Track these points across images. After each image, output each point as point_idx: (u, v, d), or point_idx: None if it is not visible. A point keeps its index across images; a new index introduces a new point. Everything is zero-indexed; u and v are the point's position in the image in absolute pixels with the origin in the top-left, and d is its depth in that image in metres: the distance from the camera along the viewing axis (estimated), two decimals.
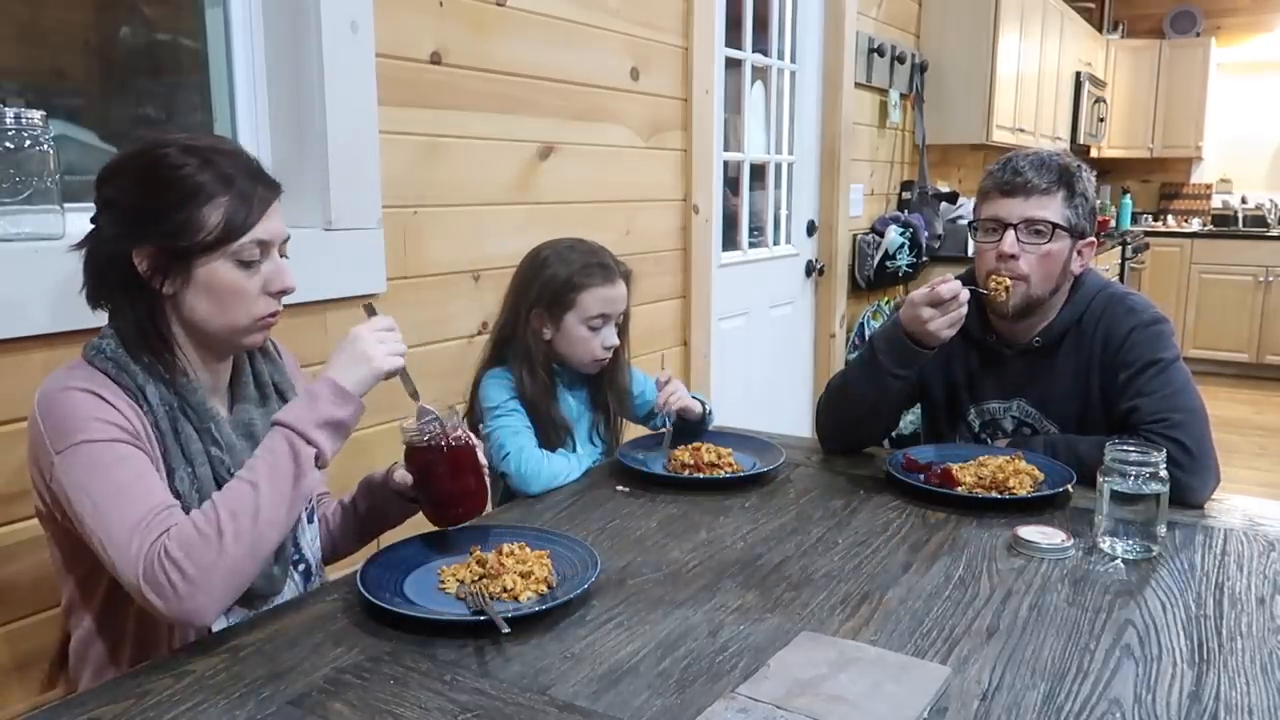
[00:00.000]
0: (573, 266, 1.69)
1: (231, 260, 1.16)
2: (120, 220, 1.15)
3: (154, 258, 1.14)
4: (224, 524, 1.06)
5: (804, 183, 3.97)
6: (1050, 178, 1.67)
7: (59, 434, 1.09)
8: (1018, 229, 1.67)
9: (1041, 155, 1.72)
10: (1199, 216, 7.35)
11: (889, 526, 1.45)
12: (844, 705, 0.92)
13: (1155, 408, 1.58)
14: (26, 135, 1.40)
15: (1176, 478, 1.45)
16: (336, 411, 1.15)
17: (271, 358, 1.34)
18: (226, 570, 1.05)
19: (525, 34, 2.30)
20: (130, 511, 1.06)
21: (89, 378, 1.13)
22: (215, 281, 1.16)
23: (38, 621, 1.47)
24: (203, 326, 1.18)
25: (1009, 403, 1.77)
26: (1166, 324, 1.69)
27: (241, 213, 1.15)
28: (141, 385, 1.15)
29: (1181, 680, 1.00)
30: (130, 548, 1.04)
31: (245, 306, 1.18)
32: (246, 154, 1.21)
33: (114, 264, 1.15)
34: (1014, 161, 1.71)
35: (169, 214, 1.13)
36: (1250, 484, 4.22)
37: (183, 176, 1.14)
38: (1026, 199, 1.67)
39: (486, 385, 1.71)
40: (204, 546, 1.04)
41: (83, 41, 1.78)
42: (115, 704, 0.95)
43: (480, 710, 0.94)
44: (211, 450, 1.19)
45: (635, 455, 1.71)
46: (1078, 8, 6.41)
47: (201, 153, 1.16)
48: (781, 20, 3.68)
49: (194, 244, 1.14)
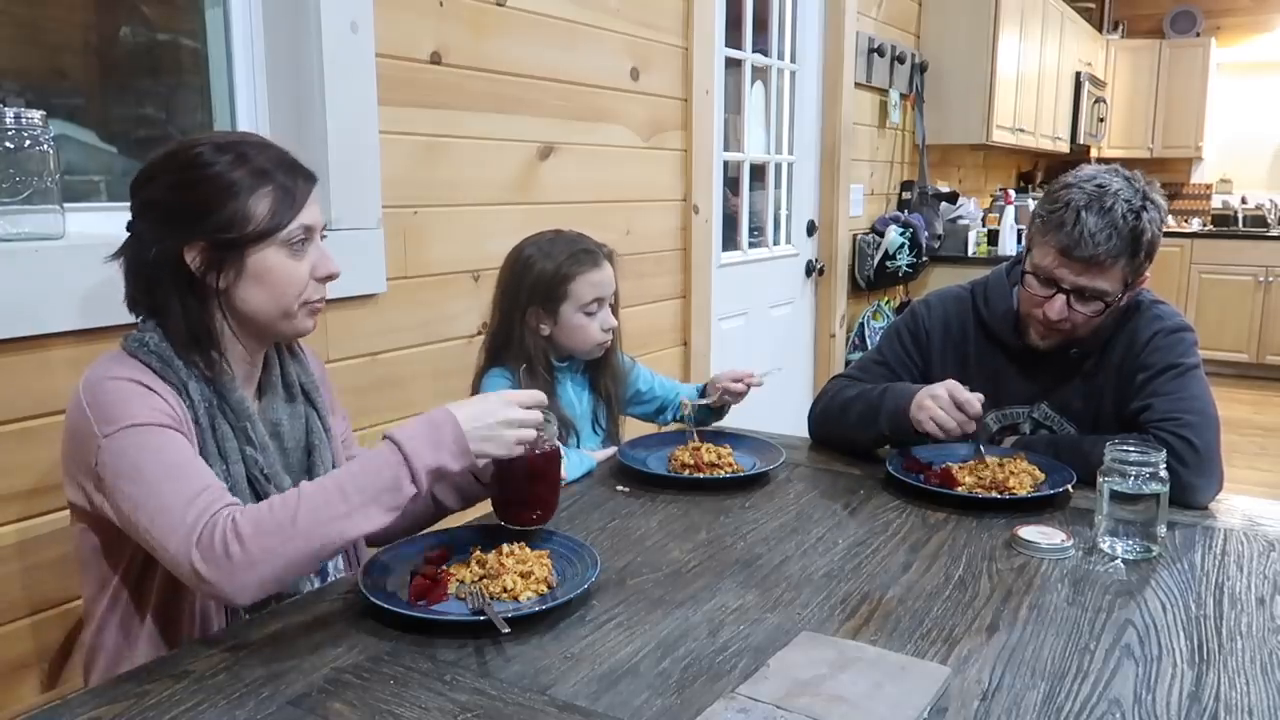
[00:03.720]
0: (558, 259, 1.70)
1: (282, 247, 1.18)
2: (166, 220, 1.16)
3: (206, 252, 1.16)
4: (301, 517, 1.04)
5: (804, 183, 3.97)
6: (1119, 248, 1.53)
7: (107, 418, 1.10)
8: (1070, 295, 1.59)
9: (1116, 214, 1.53)
10: (1199, 216, 7.35)
11: (889, 526, 1.45)
12: (844, 705, 0.92)
13: (1168, 407, 1.57)
14: (26, 135, 1.40)
15: (1180, 475, 1.45)
16: (452, 463, 1.12)
17: (299, 359, 1.36)
18: (286, 561, 1.04)
19: (525, 34, 2.30)
20: (186, 486, 1.06)
21: (133, 368, 1.14)
22: (268, 269, 1.18)
23: (38, 621, 1.47)
24: (255, 317, 1.20)
25: (1031, 406, 1.76)
26: (1190, 333, 1.67)
27: (287, 200, 1.18)
28: (184, 380, 1.16)
29: (1181, 680, 1.00)
30: (187, 515, 1.04)
31: (296, 292, 1.20)
32: (277, 146, 1.23)
33: (164, 264, 1.16)
34: (1084, 222, 1.52)
35: (217, 208, 1.15)
36: (1250, 484, 4.22)
37: (222, 172, 1.16)
38: (1087, 268, 1.55)
39: (488, 386, 1.71)
40: (275, 530, 1.03)
41: (83, 41, 1.78)
42: (115, 704, 0.95)
43: (480, 710, 0.94)
44: (246, 450, 1.21)
45: (635, 455, 1.71)
46: (1078, 8, 6.41)
47: (234, 148, 1.18)
48: (781, 20, 3.68)
49: (246, 234, 1.16)
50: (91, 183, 1.72)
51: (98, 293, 1.48)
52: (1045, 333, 1.67)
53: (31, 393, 1.43)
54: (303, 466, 1.30)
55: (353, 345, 1.95)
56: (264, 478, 1.22)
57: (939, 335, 1.81)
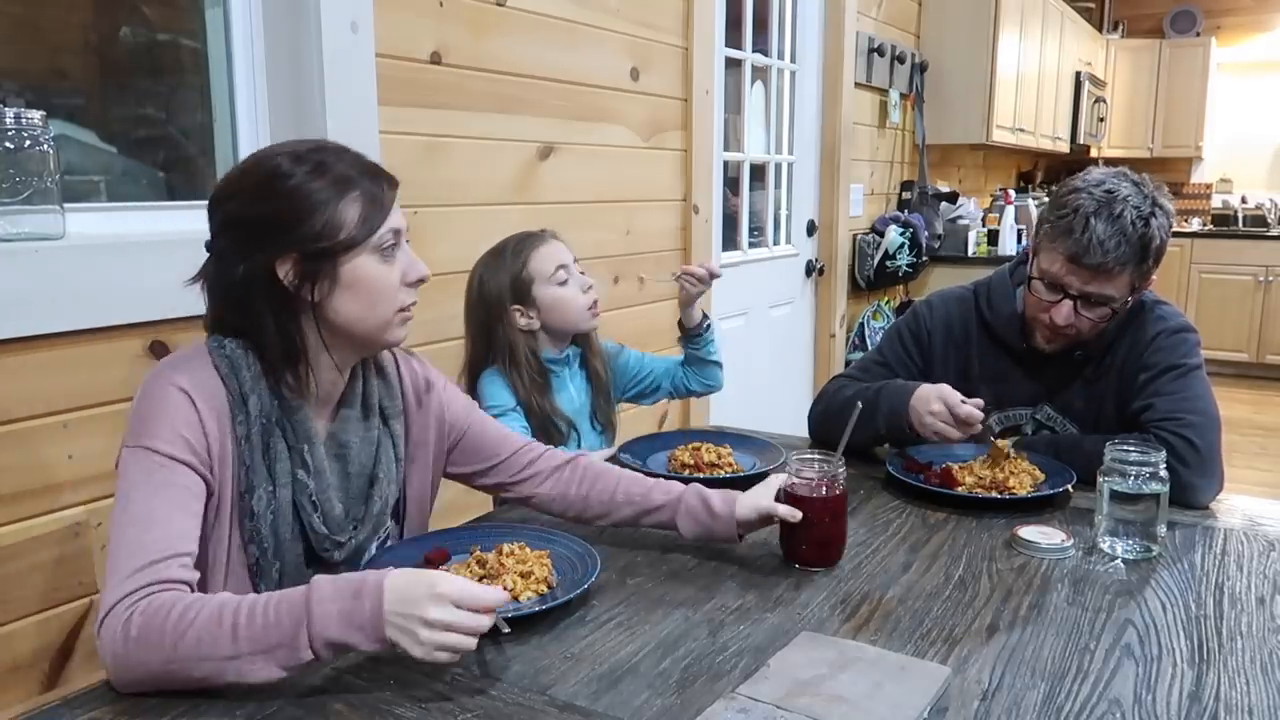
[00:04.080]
0: (506, 260, 1.72)
1: (374, 253, 1.15)
2: (254, 234, 1.12)
3: (299, 265, 1.12)
4: (184, 645, 0.95)
5: (804, 183, 3.97)
6: (1127, 255, 1.53)
7: (136, 426, 1.08)
8: (1077, 301, 1.59)
9: (1125, 221, 1.52)
10: (1199, 216, 7.35)
11: (889, 526, 1.45)
12: (844, 705, 0.92)
13: (1170, 407, 1.57)
14: (26, 135, 1.40)
15: (1180, 476, 1.45)
16: (361, 644, 0.96)
17: (386, 378, 1.30)
18: (158, 680, 0.96)
19: (525, 34, 2.30)
20: (150, 543, 1.02)
21: (196, 375, 1.11)
22: (361, 277, 1.14)
23: (38, 621, 1.47)
24: (350, 328, 1.16)
25: (1034, 408, 1.76)
26: (1193, 334, 1.67)
27: (375, 205, 1.15)
28: (246, 394, 1.13)
29: (1181, 680, 1.00)
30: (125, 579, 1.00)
31: (390, 298, 1.17)
32: (353, 151, 1.20)
33: (255, 280, 1.11)
34: (1093, 229, 1.52)
35: (306, 219, 1.11)
36: (1250, 484, 4.22)
37: (306, 180, 1.12)
38: (1095, 275, 1.55)
39: (487, 385, 1.70)
40: (155, 646, 0.95)
41: (83, 41, 1.78)
42: (115, 704, 0.95)
43: (480, 710, 0.94)
44: (298, 473, 1.16)
45: (635, 455, 1.71)
46: (1078, 8, 6.41)
47: (313, 155, 1.15)
48: (781, 20, 3.68)
49: (338, 242, 1.12)
50: (91, 183, 1.71)
51: (98, 293, 1.48)
52: (1051, 337, 1.66)
53: (32, 393, 1.43)
54: (362, 495, 1.23)
55: None
56: (312, 505, 1.17)
57: (941, 336, 1.81)
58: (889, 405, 1.66)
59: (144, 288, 1.54)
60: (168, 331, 1.59)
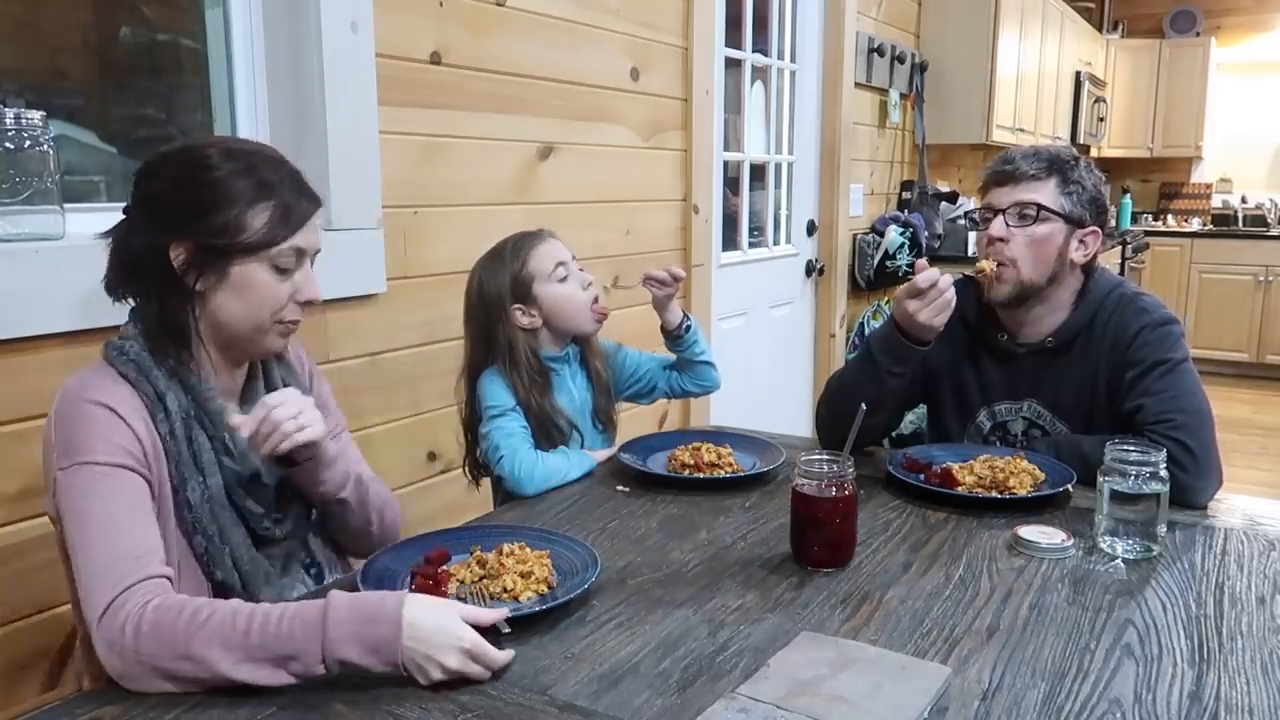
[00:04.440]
0: (506, 260, 1.72)
1: (268, 264, 1.17)
2: (161, 214, 1.16)
3: (192, 253, 1.15)
4: (197, 644, 0.96)
5: (804, 183, 3.97)
6: (1040, 165, 1.70)
7: (66, 449, 1.09)
8: (1006, 213, 1.70)
9: (1036, 147, 1.76)
10: (1199, 216, 7.35)
11: (889, 526, 1.45)
12: (844, 705, 0.92)
13: (1160, 408, 1.57)
14: (26, 135, 1.41)
15: (1178, 479, 1.45)
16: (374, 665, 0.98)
17: (287, 362, 1.34)
18: (167, 676, 0.97)
19: (525, 34, 2.30)
20: (119, 545, 1.04)
21: (108, 387, 1.13)
22: (249, 283, 1.17)
23: (38, 621, 1.47)
24: (227, 327, 1.19)
25: (1020, 403, 1.76)
26: (1176, 325, 1.67)
27: (285, 220, 1.17)
28: (162, 392, 1.15)
29: (1181, 680, 1.00)
30: (106, 581, 1.01)
31: (272, 310, 1.19)
32: (290, 164, 1.22)
33: (149, 255, 1.15)
34: (1007, 153, 1.76)
35: (214, 213, 1.14)
36: (1250, 484, 4.21)
37: (228, 177, 1.15)
38: (1016, 185, 1.71)
39: (486, 386, 1.70)
40: (169, 643, 0.97)
41: (83, 41, 1.78)
42: (115, 704, 0.95)
43: (480, 710, 0.94)
44: (224, 460, 1.20)
45: (635, 455, 1.71)
46: (1078, 8, 6.41)
47: (245, 157, 1.18)
48: (781, 20, 3.68)
49: (235, 244, 1.15)
50: (91, 183, 1.72)
51: (97, 293, 1.48)
52: (996, 274, 1.69)
53: (31, 393, 1.43)
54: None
55: (353, 345, 1.96)
56: (242, 489, 1.21)
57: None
58: (880, 340, 1.66)
59: None
60: None
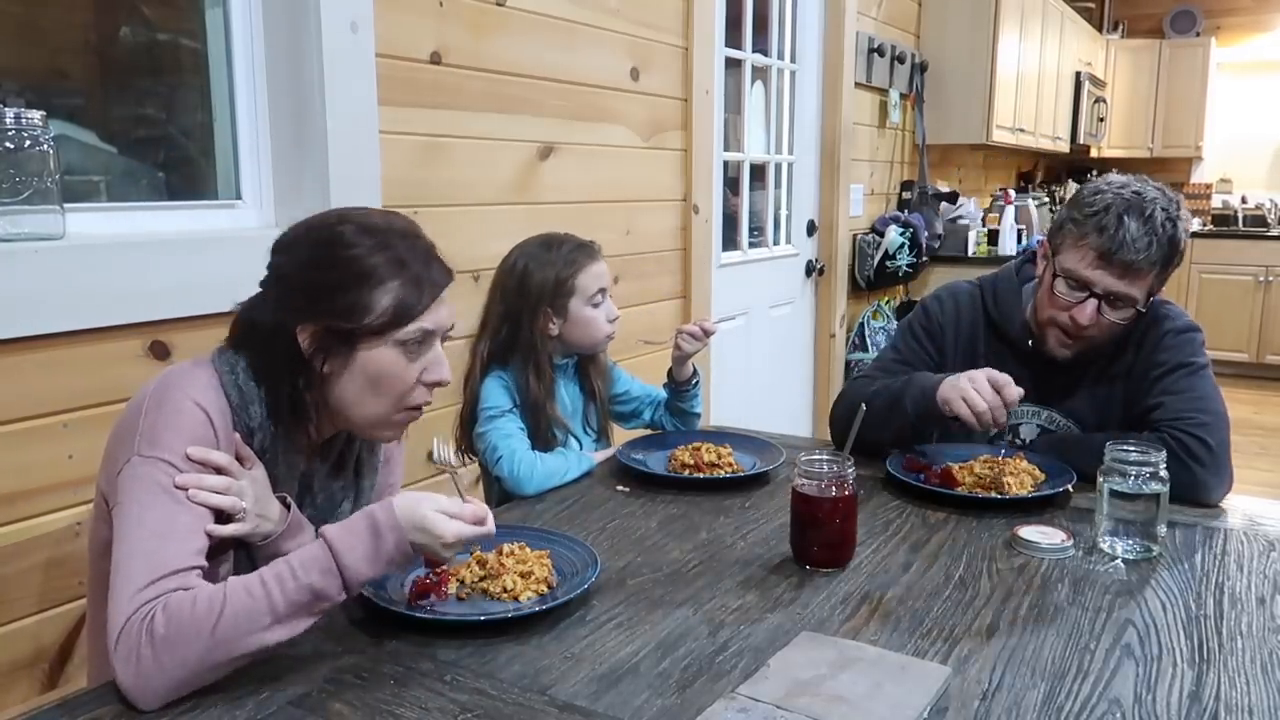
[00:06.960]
0: (558, 261, 1.71)
1: (395, 346, 1.14)
2: (290, 295, 1.14)
3: (319, 337, 1.13)
4: (221, 626, 0.95)
5: (804, 183, 3.97)
6: (1157, 256, 1.53)
7: (152, 437, 1.07)
8: (1101, 300, 1.57)
9: (1155, 221, 1.53)
10: (1199, 216, 7.34)
11: (889, 526, 1.45)
12: (844, 705, 0.92)
13: (1182, 405, 1.56)
14: (26, 135, 1.40)
15: (1195, 473, 1.46)
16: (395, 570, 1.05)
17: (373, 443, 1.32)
18: (198, 669, 0.95)
19: (525, 34, 2.30)
20: (163, 554, 1.01)
21: (210, 395, 1.11)
22: (375, 366, 1.14)
23: (38, 621, 1.47)
24: (347, 410, 1.17)
25: (1039, 409, 1.74)
26: (1199, 333, 1.67)
27: (412, 299, 1.13)
28: (254, 429, 1.15)
29: (1181, 680, 1.00)
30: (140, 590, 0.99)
31: (398, 393, 1.16)
32: (424, 237, 1.19)
33: (278, 336, 1.13)
34: (1126, 227, 1.52)
35: (340, 294, 1.11)
36: (1250, 484, 4.19)
37: (357, 257, 1.12)
38: (1125, 273, 1.54)
39: (488, 386, 1.71)
40: (192, 636, 0.95)
41: (83, 41, 1.78)
42: (115, 704, 0.95)
43: (480, 710, 0.94)
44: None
45: (635, 455, 1.71)
46: (1078, 8, 6.41)
47: (379, 233, 1.15)
48: (781, 20, 3.68)
49: (361, 326, 1.12)
50: (91, 183, 1.71)
51: (98, 293, 1.48)
52: (1066, 340, 1.63)
53: (31, 393, 1.43)
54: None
55: None
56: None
57: (951, 330, 1.80)
58: (918, 390, 1.62)
59: (144, 288, 1.54)
60: (168, 332, 1.59)
